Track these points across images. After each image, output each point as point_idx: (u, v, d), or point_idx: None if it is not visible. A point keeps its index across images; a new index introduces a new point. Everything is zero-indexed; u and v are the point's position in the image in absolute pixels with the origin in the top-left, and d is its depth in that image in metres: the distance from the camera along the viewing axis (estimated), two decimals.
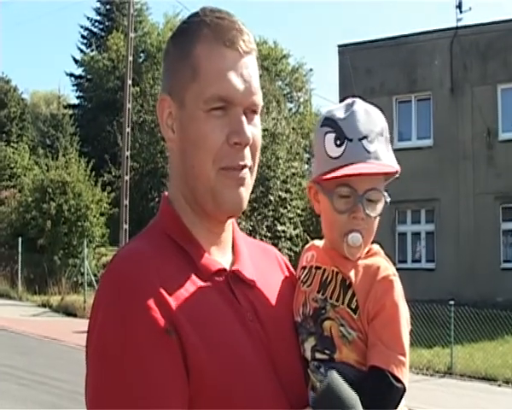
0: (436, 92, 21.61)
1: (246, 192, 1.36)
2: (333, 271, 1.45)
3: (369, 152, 1.41)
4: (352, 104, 1.46)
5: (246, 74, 1.33)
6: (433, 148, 21.42)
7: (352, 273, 1.42)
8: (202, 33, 1.34)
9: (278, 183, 27.47)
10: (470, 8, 23.92)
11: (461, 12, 22.14)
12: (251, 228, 25.06)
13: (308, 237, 26.58)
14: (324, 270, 1.47)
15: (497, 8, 79.82)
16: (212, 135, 1.30)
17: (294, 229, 28.14)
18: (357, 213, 1.42)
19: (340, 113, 1.45)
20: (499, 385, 11.88)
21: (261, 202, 26.59)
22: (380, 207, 1.45)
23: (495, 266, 20.21)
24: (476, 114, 20.70)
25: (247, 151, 1.34)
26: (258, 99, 1.36)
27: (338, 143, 1.42)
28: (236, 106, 1.32)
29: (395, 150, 1.50)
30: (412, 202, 20.74)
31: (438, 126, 21.46)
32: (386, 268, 1.42)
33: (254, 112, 1.36)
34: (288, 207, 28.18)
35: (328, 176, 1.41)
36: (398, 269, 1.47)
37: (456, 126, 21.03)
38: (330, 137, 1.43)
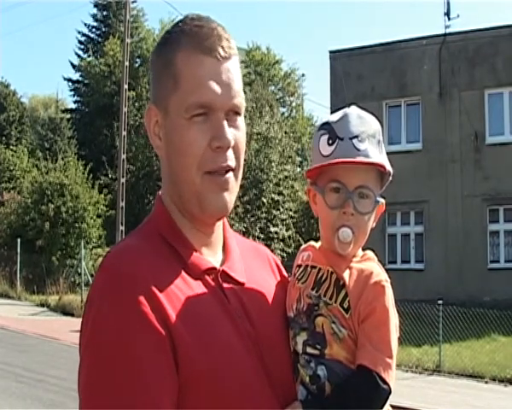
0: (425, 97, 21.68)
1: (230, 196, 1.38)
2: (328, 270, 1.47)
3: (358, 150, 1.44)
4: (346, 110, 1.51)
5: (225, 79, 1.34)
6: (422, 151, 21.49)
7: (346, 275, 1.44)
8: (182, 43, 1.35)
9: (271, 185, 27.58)
10: (458, 16, 24.10)
11: (449, 19, 22.28)
12: (244, 230, 25.06)
13: (300, 239, 26.78)
14: (319, 269, 1.48)
15: (484, 16, 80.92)
16: (195, 141, 1.33)
17: (287, 230, 28.23)
18: (347, 208, 1.44)
19: (334, 117, 1.51)
20: (486, 382, 11.84)
21: (254, 204, 26.73)
22: (370, 204, 1.46)
23: (482, 267, 20.31)
24: (464, 118, 20.79)
25: (230, 153, 1.36)
26: (240, 101, 1.37)
27: (330, 142, 1.46)
28: (217, 111, 1.33)
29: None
30: (402, 205, 20.65)
31: (427, 130, 21.52)
32: (379, 274, 1.44)
33: (237, 113, 1.38)
34: (281, 209, 28.22)
35: (315, 165, 1.48)
36: (388, 270, 1.52)
37: (444, 130, 21.12)
38: (324, 138, 1.48)
